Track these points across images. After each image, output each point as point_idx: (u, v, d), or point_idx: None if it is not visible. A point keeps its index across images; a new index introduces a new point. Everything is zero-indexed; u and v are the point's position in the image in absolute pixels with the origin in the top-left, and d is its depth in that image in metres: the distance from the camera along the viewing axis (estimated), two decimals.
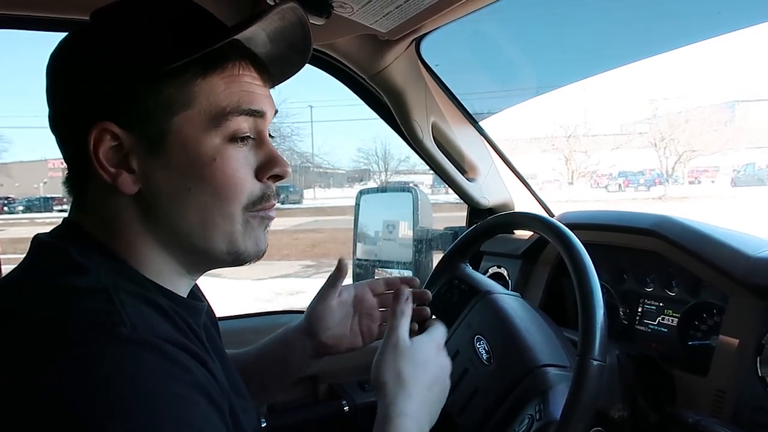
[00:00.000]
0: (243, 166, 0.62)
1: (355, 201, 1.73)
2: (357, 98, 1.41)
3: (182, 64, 0.57)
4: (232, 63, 0.61)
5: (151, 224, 0.61)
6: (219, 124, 0.60)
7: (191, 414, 0.50)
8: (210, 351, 0.63)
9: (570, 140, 27.10)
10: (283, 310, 1.54)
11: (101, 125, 0.58)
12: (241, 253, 0.65)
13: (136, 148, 0.59)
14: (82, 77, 0.59)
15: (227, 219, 0.62)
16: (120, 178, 0.59)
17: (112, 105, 0.58)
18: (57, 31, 1.07)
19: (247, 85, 0.62)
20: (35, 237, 0.62)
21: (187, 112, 0.59)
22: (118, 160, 0.59)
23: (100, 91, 0.58)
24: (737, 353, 0.93)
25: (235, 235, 0.63)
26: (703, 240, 1.03)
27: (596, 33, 1.53)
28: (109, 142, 0.58)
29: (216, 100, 0.60)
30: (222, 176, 0.60)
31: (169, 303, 0.60)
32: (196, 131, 0.59)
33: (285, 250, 11.09)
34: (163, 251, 0.63)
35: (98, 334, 0.49)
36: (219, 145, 0.60)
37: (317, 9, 0.92)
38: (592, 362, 0.74)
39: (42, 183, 32.89)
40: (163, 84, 0.58)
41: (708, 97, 40.79)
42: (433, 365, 0.74)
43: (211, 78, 0.60)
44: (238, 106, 0.61)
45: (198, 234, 0.62)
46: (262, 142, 0.65)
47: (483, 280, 1.08)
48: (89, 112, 0.58)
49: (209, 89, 0.59)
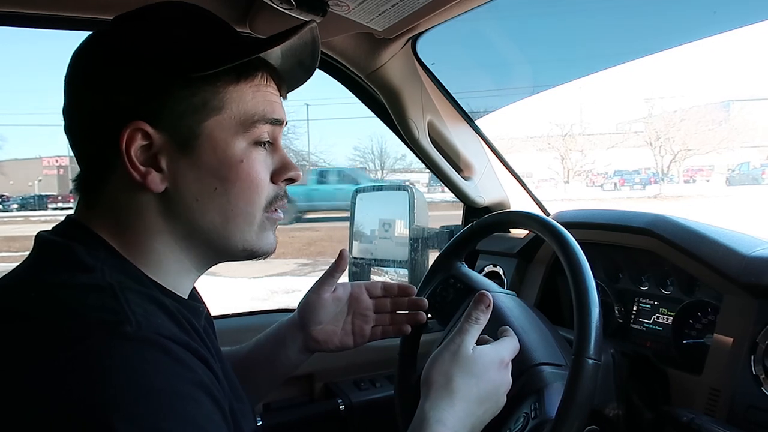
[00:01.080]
0: (264, 169, 0.66)
1: (350, 199, 1.72)
2: (353, 96, 1.41)
3: (217, 72, 0.60)
4: (261, 74, 0.66)
5: (171, 222, 0.63)
6: (247, 130, 0.64)
7: (195, 412, 0.50)
8: (212, 351, 0.64)
9: (566, 139, 27.18)
10: (279, 309, 1.54)
11: (135, 124, 0.59)
12: (256, 250, 0.69)
13: (166, 148, 0.61)
14: (116, 79, 0.60)
15: (247, 219, 0.66)
16: (149, 177, 0.60)
17: (147, 106, 0.60)
18: (66, 29, 1.07)
19: (270, 95, 0.67)
20: (39, 234, 0.62)
21: (218, 117, 0.62)
22: (147, 158, 0.61)
23: (136, 91, 0.60)
24: (732, 352, 0.93)
25: (251, 234, 0.67)
26: (698, 239, 1.03)
27: (593, 32, 1.53)
28: (140, 141, 0.60)
29: (245, 108, 0.63)
30: (247, 177, 0.64)
31: (172, 302, 0.61)
32: (227, 135, 0.63)
33: (281, 248, 10.88)
34: (177, 249, 0.64)
35: (104, 332, 0.49)
36: (245, 149, 0.64)
37: (313, 7, 0.91)
38: (587, 361, 0.74)
39: (37, 181, 32.77)
40: (198, 88, 0.61)
41: (703, 96, 41.01)
42: (489, 380, 0.73)
43: (242, 86, 0.63)
44: (264, 115, 0.65)
45: (218, 232, 0.65)
46: (276, 148, 0.69)
47: (479, 278, 1.08)
48: (123, 112, 0.59)
49: (239, 97, 0.63)
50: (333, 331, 0.91)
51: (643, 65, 32.09)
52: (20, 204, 26.99)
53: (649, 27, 1.39)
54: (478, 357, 0.74)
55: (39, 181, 32.46)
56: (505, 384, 0.76)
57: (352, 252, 1.73)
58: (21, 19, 1.02)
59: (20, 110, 51.65)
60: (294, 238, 12.21)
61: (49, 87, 52.74)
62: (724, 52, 46.86)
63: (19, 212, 25.08)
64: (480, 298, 0.78)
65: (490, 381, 0.73)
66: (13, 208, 26.55)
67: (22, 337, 0.50)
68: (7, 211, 26.17)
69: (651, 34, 1.37)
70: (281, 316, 1.53)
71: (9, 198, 28.52)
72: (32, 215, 21.61)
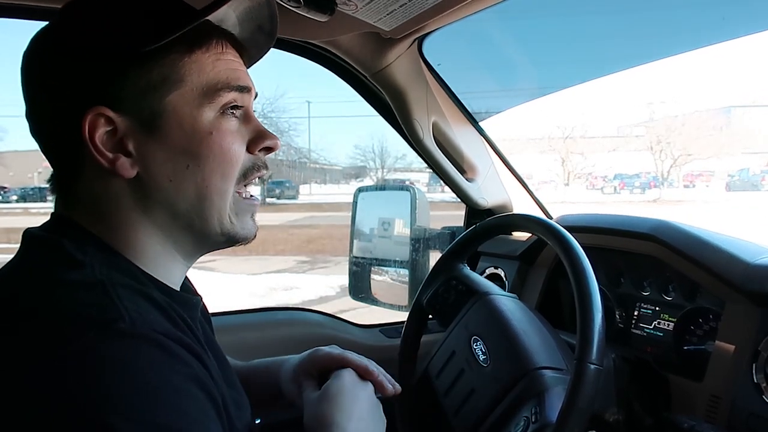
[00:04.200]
0: (237, 138, 0.64)
1: (352, 199, 1.72)
2: (355, 95, 1.40)
3: (167, 44, 0.58)
4: (215, 41, 0.63)
5: (148, 208, 0.62)
6: (212, 99, 0.61)
7: (190, 406, 0.50)
8: (204, 345, 0.63)
9: (567, 141, 27.15)
10: (279, 307, 1.54)
11: (95, 110, 0.58)
12: (235, 234, 0.66)
13: (131, 131, 0.59)
14: (69, 66, 0.59)
15: (221, 196, 0.63)
16: (118, 162, 0.59)
17: (104, 90, 0.59)
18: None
19: (232, 62, 0.64)
20: (26, 231, 0.61)
21: (179, 90, 0.60)
22: (114, 144, 0.59)
23: (91, 77, 0.59)
24: (733, 359, 0.93)
25: (225, 214, 0.64)
26: (702, 245, 1.03)
27: (600, 36, 1.52)
28: (104, 127, 0.58)
29: (206, 77, 0.61)
30: (220, 150, 0.62)
31: (164, 297, 0.60)
32: (191, 107, 0.61)
33: (280, 245, 11.07)
34: (159, 236, 0.63)
35: (97, 329, 0.49)
36: (214, 120, 0.62)
37: (321, 6, 0.91)
38: (589, 366, 0.74)
39: (36, 173, 32.66)
40: (153, 64, 0.59)
41: (705, 102, 40.99)
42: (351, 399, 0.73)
43: (197, 56, 0.61)
44: (228, 82, 0.62)
45: (195, 213, 0.63)
46: (249, 117, 0.66)
47: (480, 280, 1.08)
48: (81, 99, 0.58)
49: (198, 67, 0.61)
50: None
51: (645, 70, 32.09)
52: (20, 195, 26.93)
53: (658, 32, 1.39)
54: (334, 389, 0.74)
55: (39, 173, 32.35)
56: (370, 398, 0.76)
57: (353, 251, 1.72)
58: (28, 11, 1.02)
59: (21, 102, 51.35)
60: (293, 236, 12.21)
61: None
62: (727, 58, 46.86)
63: (19, 204, 25.04)
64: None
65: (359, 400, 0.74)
66: (13, 200, 26.50)
67: (14, 336, 0.50)
68: (7, 202, 26.13)
69: (660, 40, 1.37)
70: (282, 313, 1.55)
71: (9, 189, 28.46)
72: (32, 207, 21.57)
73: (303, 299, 6.65)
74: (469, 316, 1.01)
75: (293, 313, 1.57)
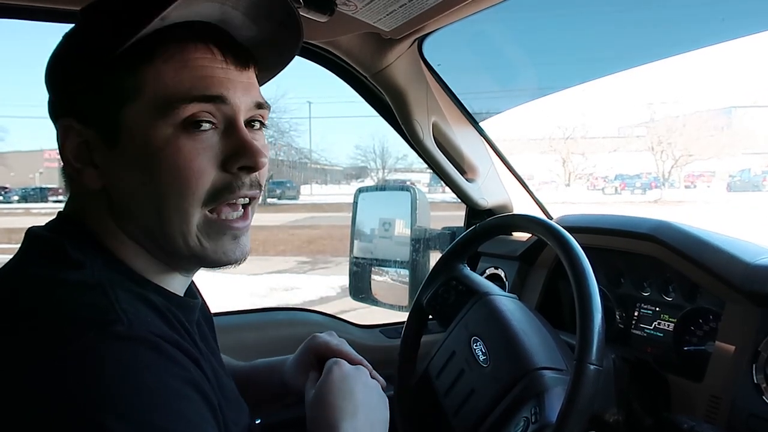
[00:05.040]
0: (200, 155, 0.58)
1: (353, 199, 1.72)
2: (356, 95, 1.40)
3: (128, 52, 0.55)
4: (182, 47, 0.57)
5: (120, 221, 0.61)
6: (166, 113, 0.56)
7: (186, 409, 0.50)
8: (201, 349, 0.63)
9: (567, 142, 27.15)
10: (280, 307, 1.54)
11: (63, 122, 0.59)
12: (204, 257, 0.61)
13: (97, 143, 0.59)
14: (53, 77, 0.61)
15: (182, 216, 0.58)
16: (84, 173, 0.60)
17: (74, 100, 0.59)
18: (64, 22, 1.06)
19: (203, 69, 0.58)
20: (29, 230, 0.62)
21: (135, 103, 0.57)
22: (85, 156, 0.59)
23: (63, 88, 0.60)
24: (733, 360, 0.93)
25: (191, 235, 0.60)
26: (702, 246, 1.03)
27: (600, 36, 1.52)
28: (75, 139, 0.59)
29: (163, 88, 0.56)
30: (173, 167, 0.57)
31: (163, 300, 0.60)
32: (145, 121, 0.57)
33: (281, 245, 11.07)
34: (138, 248, 0.62)
35: (95, 330, 0.49)
36: (169, 135, 0.57)
37: (321, 6, 0.91)
38: (589, 367, 0.74)
39: (38, 173, 32.72)
40: (111, 75, 0.57)
41: (706, 102, 40.97)
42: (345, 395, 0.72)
43: (157, 64, 0.57)
44: (189, 93, 0.56)
45: (156, 232, 0.60)
46: (233, 130, 0.59)
47: (480, 281, 1.08)
48: (56, 110, 0.60)
49: (155, 77, 0.56)
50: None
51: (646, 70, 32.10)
52: (21, 196, 26.96)
53: (659, 33, 1.39)
54: (318, 394, 0.73)
55: (40, 174, 32.41)
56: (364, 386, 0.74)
57: (354, 251, 1.72)
58: (30, 11, 1.02)
59: (23, 102, 51.56)
60: (294, 236, 12.21)
61: None
62: (727, 59, 46.82)
63: (20, 204, 25.06)
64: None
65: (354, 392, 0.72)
66: (14, 200, 26.52)
67: (12, 334, 0.50)
68: (8, 202, 26.15)
69: (660, 40, 1.37)
70: (283, 314, 1.55)
71: (10, 190, 28.48)
72: (33, 207, 21.59)
73: (303, 299, 6.65)
74: (469, 316, 1.01)
75: (294, 314, 1.57)
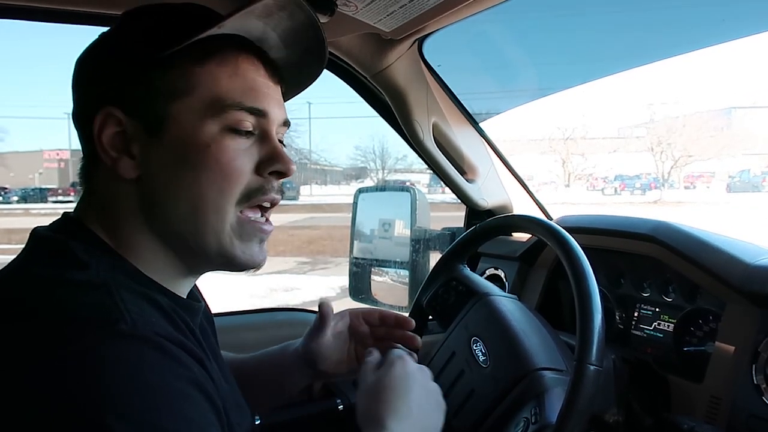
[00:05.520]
0: (241, 156, 0.62)
1: (353, 199, 1.72)
2: (356, 96, 1.40)
3: (183, 52, 0.59)
4: (234, 56, 0.62)
5: (148, 214, 0.62)
6: (217, 114, 0.60)
7: (189, 409, 0.50)
8: (206, 350, 0.63)
9: (567, 142, 27.19)
10: (280, 308, 1.54)
11: (106, 110, 0.60)
12: (232, 257, 0.64)
13: (137, 134, 0.61)
14: (95, 66, 0.63)
15: (217, 212, 0.61)
16: (120, 162, 0.61)
17: (119, 91, 0.61)
18: (76, 23, 1.07)
19: (256, 83, 0.63)
20: (34, 230, 0.62)
21: (186, 99, 0.60)
22: (122, 145, 0.61)
23: (108, 78, 0.61)
24: (733, 360, 0.93)
25: (225, 234, 0.62)
26: (702, 246, 1.03)
27: (600, 37, 1.52)
28: (113, 128, 0.60)
29: (217, 91, 0.61)
30: (216, 163, 0.60)
31: (168, 301, 0.60)
32: (194, 118, 0.60)
33: (280, 246, 11.07)
34: (160, 246, 0.63)
35: (99, 329, 0.49)
36: (215, 134, 0.61)
37: (321, 6, 0.91)
38: (589, 367, 0.74)
39: (37, 173, 32.77)
40: (163, 70, 0.60)
41: (705, 103, 41.01)
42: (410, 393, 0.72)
43: (210, 67, 0.61)
44: (240, 102, 0.61)
45: (189, 228, 0.62)
46: (267, 139, 0.64)
47: (480, 281, 1.08)
48: (98, 98, 0.61)
49: (210, 79, 0.61)
50: (340, 360, 0.90)
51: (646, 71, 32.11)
52: (20, 196, 26.99)
53: (659, 33, 1.39)
54: (380, 381, 0.73)
55: (40, 174, 32.47)
56: (424, 388, 0.75)
57: (353, 252, 1.72)
58: (28, 12, 1.02)
59: (22, 103, 51.60)
60: (294, 236, 12.21)
61: (51, 80, 52.70)
62: (727, 59, 46.83)
63: (19, 204, 25.08)
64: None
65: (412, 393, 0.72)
66: (14, 201, 26.54)
67: (17, 333, 0.50)
68: (8, 203, 26.17)
69: (660, 41, 1.37)
70: (283, 314, 1.55)
71: (10, 190, 28.51)
72: (32, 208, 21.59)
73: (303, 300, 6.66)
74: (469, 317, 1.01)
75: (294, 314, 1.57)
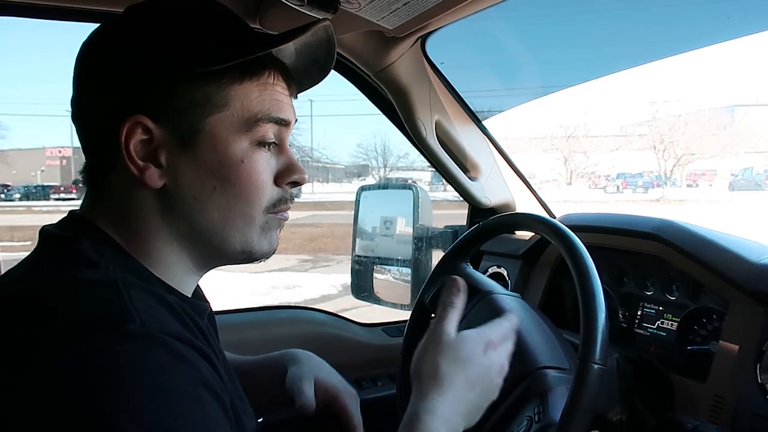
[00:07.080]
0: (266, 170, 0.64)
1: (355, 197, 1.72)
2: (358, 93, 1.40)
3: (221, 68, 0.59)
4: (268, 72, 0.64)
5: (170, 220, 0.62)
6: (249, 129, 0.62)
7: (199, 410, 0.50)
8: (214, 348, 0.63)
9: (569, 140, 27.14)
10: (282, 305, 1.54)
11: (135, 118, 0.59)
12: (255, 252, 0.67)
13: (166, 144, 0.60)
14: (120, 71, 0.60)
15: (247, 220, 0.64)
16: (147, 172, 0.60)
17: (150, 101, 0.59)
18: (73, 20, 1.07)
19: (278, 94, 0.65)
20: (43, 229, 0.62)
21: (221, 114, 0.61)
22: (147, 153, 0.60)
23: (138, 85, 0.60)
24: (737, 359, 0.93)
25: (251, 235, 0.65)
26: (705, 245, 1.02)
27: (604, 35, 1.52)
28: (140, 136, 0.59)
29: (249, 106, 0.62)
30: (247, 178, 0.62)
31: (177, 300, 0.60)
32: (228, 133, 0.61)
33: (282, 243, 10.92)
34: (177, 247, 0.64)
35: (108, 329, 0.49)
36: (247, 149, 0.62)
37: (324, 4, 0.91)
38: (593, 366, 0.74)
39: (39, 171, 32.82)
40: (200, 84, 0.60)
41: (708, 101, 40.91)
42: (476, 363, 0.72)
43: (247, 84, 0.62)
44: (269, 114, 0.63)
45: (216, 232, 0.63)
46: (283, 149, 0.67)
47: (483, 279, 1.07)
48: (124, 105, 0.59)
49: (244, 95, 0.62)
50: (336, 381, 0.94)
51: (648, 68, 32.06)
52: (22, 194, 27.05)
53: (661, 31, 1.38)
54: (462, 341, 0.73)
55: (41, 171, 32.51)
56: (496, 365, 0.75)
57: (356, 250, 1.72)
58: (29, 9, 1.02)
59: (24, 100, 51.67)
60: (296, 234, 12.21)
61: (53, 77, 52.74)
62: (730, 57, 46.72)
63: (22, 202, 25.14)
64: (450, 282, 0.79)
65: (478, 364, 0.73)
66: (16, 198, 26.60)
67: (27, 332, 0.50)
68: (10, 200, 26.23)
69: (663, 39, 1.37)
70: (284, 312, 1.55)
71: (11, 188, 28.57)
72: (34, 205, 21.64)
73: (305, 298, 6.66)
74: (472, 315, 1.00)
75: (295, 312, 1.58)
